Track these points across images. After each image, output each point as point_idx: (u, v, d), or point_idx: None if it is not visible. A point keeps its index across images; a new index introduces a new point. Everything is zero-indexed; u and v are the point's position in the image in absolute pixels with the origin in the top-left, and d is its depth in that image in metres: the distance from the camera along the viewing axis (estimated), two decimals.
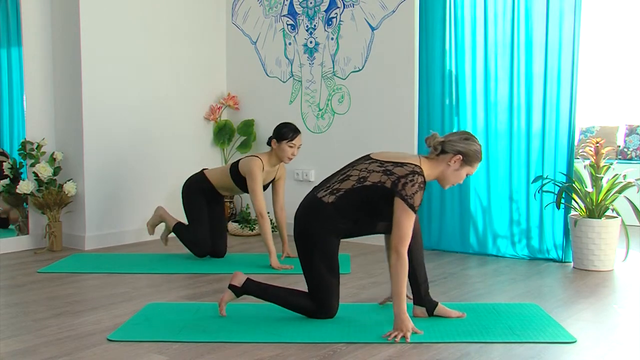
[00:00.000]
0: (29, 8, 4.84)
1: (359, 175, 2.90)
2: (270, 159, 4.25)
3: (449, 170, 2.90)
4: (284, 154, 4.19)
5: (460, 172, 2.91)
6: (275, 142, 4.20)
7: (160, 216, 4.52)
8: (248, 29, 5.76)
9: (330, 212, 2.90)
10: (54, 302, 3.39)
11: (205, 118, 5.72)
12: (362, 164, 2.94)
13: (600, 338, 2.86)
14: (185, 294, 3.58)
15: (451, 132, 2.96)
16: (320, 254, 2.93)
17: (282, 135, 4.18)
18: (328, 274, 2.94)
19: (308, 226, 2.96)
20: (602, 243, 4.09)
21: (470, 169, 2.92)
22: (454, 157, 2.88)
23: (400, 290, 2.79)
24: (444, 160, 2.89)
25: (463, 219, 4.68)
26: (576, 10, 4.23)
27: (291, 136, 4.18)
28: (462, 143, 2.88)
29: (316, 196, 2.97)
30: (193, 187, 4.42)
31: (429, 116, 4.76)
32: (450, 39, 4.69)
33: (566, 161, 4.35)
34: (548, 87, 4.36)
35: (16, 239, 4.83)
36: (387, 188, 2.82)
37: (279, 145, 4.18)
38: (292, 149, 4.20)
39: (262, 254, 4.63)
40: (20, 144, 4.80)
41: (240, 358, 2.58)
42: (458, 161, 2.88)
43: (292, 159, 4.25)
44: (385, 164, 2.88)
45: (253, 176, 4.16)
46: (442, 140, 2.89)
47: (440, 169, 2.90)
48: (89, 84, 4.85)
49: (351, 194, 2.88)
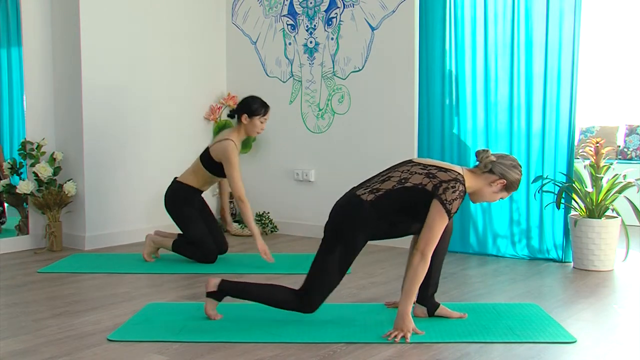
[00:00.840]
0: (29, 8, 4.83)
1: (400, 177, 2.88)
2: (239, 135, 4.24)
3: (488, 190, 2.92)
4: (255, 128, 4.21)
5: (498, 195, 2.95)
6: (246, 117, 4.19)
7: (154, 243, 4.36)
8: (248, 29, 5.76)
9: (367, 211, 2.86)
10: (54, 302, 3.39)
11: (205, 118, 5.72)
12: (405, 166, 2.93)
13: (600, 338, 2.86)
14: (185, 294, 3.58)
15: (503, 154, 2.97)
16: (343, 252, 2.89)
17: (254, 111, 4.18)
18: (336, 274, 2.91)
19: (342, 223, 2.91)
20: (602, 243, 4.09)
21: (505, 194, 2.97)
22: (498, 180, 2.90)
23: (413, 290, 2.79)
24: (488, 180, 2.91)
25: (463, 219, 4.68)
26: (576, 10, 4.23)
27: (264, 111, 4.22)
28: (511, 170, 2.91)
29: (355, 194, 2.93)
30: (176, 199, 4.32)
31: (429, 116, 4.76)
32: (450, 39, 4.69)
33: (566, 161, 4.35)
34: (548, 87, 4.36)
35: (16, 239, 4.83)
36: (428, 191, 2.81)
37: (250, 120, 4.19)
38: (263, 123, 4.23)
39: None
40: (20, 144, 4.80)
41: (240, 358, 2.58)
42: (501, 185, 2.91)
43: (260, 133, 4.30)
44: (429, 167, 2.87)
45: (230, 161, 4.13)
46: (494, 160, 2.90)
47: (481, 186, 2.92)
48: (89, 84, 4.85)
49: (391, 194, 2.86)
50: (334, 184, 5.18)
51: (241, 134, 4.25)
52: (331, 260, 2.89)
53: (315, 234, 5.01)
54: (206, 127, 5.74)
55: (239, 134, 4.24)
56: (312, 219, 5.30)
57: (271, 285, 3.07)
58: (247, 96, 4.33)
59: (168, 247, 4.33)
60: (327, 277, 2.91)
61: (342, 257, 2.89)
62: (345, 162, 5.17)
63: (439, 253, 3.00)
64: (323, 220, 3.04)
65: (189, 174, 4.34)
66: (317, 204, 5.23)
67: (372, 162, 4.71)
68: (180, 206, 4.32)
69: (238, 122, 4.24)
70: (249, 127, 4.21)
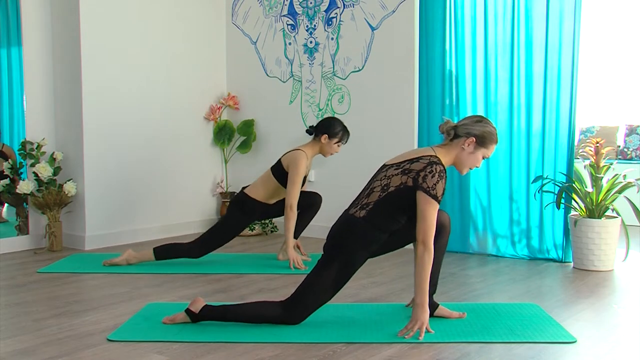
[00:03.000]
0: (29, 8, 4.83)
1: (381, 185, 2.88)
2: (313, 151, 4.23)
3: (464, 154, 2.89)
4: (330, 151, 4.21)
5: (476, 154, 2.90)
6: (326, 138, 4.16)
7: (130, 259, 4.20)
8: (248, 29, 5.76)
9: (364, 227, 2.85)
10: (54, 302, 3.39)
11: (205, 118, 5.72)
12: (381, 173, 2.93)
13: (600, 338, 2.86)
14: (185, 294, 3.58)
15: (467, 116, 2.95)
16: (340, 268, 2.86)
17: (336, 135, 4.17)
18: (329, 289, 2.88)
19: (342, 240, 2.88)
20: (602, 243, 4.09)
21: (485, 151, 2.91)
22: (467, 140, 2.87)
23: (425, 281, 2.78)
24: (458, 145, 2.89)
25: (463, 219, 4.68)
26: (576, 10, 4.23)
27: (345, 139, 4.22)
28: (475, 125, 2.88)
29: (349, 214, 2.92)
30: (243, 208, 4.22)
31: (429, 116, 4.76)
32: (450, 39, 4.69)
33: (566, 161, 4.35)
34: (548, 87, 4.36)
35: (16, 239, 4.83)
36: (411, 186, 2.80)
37: (329, 141, 4.17)
38: (339, 147, 4.23)
39: (262, 254, 4.64)
40: (20, 144, 4.80)
41: (240, 358, 2.58)
42: (472, 144, 2.88)
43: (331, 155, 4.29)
44: (402, 164, 2.87)
45: (297, 167, 4.09)
46: (455, 124, 2.90)
47: (455, 153, 2.90)
48: (89, 84, 4.85)
49: (380, 204, 2.85)
50: (334, 184, 5.18)
51: (315, 151, 4.23)
52: (326, 275, 2.86)
53: (315, 234, 5.02)
54: (206, 127, 5.74)
55: (312, 150, 4.23)
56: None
57: (254, 305, 2.99)
58: (330, 117, 4.31)
59: (151, 259, 4.19)
60: (318, 290, 2.87)
61: (338, 272, 2.86)
62: (345, 162, 5.17)
63: (438, 253, 3.00)
64: (323, 220, 3.05)
65: (257, 184, 4.27)
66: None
67: (372, 162, 4.68)
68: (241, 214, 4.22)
69: (315, 138, 4.22)
70: (325, 148, 4.20)
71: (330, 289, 2.88)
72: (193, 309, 2.94)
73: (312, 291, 2.88)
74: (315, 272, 2.90)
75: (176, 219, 5.48)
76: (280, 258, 4.35)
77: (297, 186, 4.09)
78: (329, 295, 2.90)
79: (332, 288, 2.88)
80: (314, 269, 2.92)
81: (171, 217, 5.45)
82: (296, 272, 4.01)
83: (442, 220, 2.99)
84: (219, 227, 4.23)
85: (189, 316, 2.94)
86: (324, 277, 2.87)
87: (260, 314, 2.92)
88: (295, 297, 2.90)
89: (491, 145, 2.91)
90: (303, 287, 2.90)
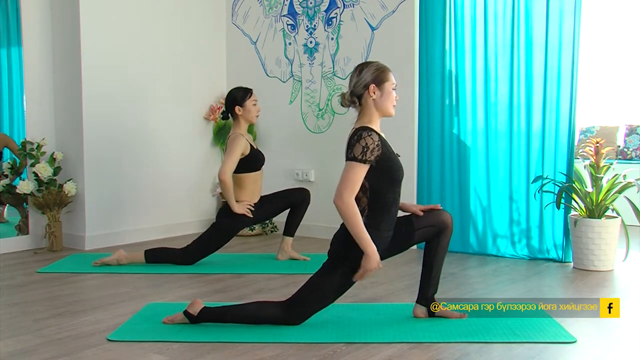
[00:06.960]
0: (29, 8, 4.83)
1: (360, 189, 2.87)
2: (241, 127, 4.23)
3: (378, 102, 2.89)
4: (251, 113, 4.22)
5: (385, 93, 2.90)
6: (239, 108, 4.20)
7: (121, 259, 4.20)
8: (248, 29, 5.75)
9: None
10: (54, 302, 3.39)
11: (205, 118, 5.71)
12: None
13: (600, 338, 2.86)
14: (185, 294, 3.58)
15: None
16: (345, 274, 2.84)
17: (241, 98, 4.21)
18: (332, 294, 2.87)
19: (346, 252, 2.84)
20: (602, 243, 4.09)
21: (389, 83, 2.90)
22: (369, 91, 2.88)
23: (356, 232, 2.73)
24: (367, 100, 2.90)
25: (463, 219, 4.68)
26: (576, 10, 4.23)
27: (249, 93, 4.23)
28: (363, 76, 2.88)
29: None
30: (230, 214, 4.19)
31: (429, 116, 4.76)
32: (450, 39, 4.69)
33: (566, 161, 4.35)
34: (548, 87, 4.36)
35: (16, 239, 4.83)
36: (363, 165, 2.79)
37: (243, 107, 4.20)
38: (256, 105, 4.24)
39: (262, 254, 4.64)
40: (20, 144, 4.80)
41: (240, 358, 2.58)
42: (374, 89, 2.88)
43: (259, 115, 4.29)
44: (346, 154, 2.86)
45: (231, 148, 4.11)
46: (350, 90, 2.91)
47: (372, 108, 2.90)
48: (89, 84, 4.85)
49: (365, 198, 2.85)
50: (334, 184, 5.13)
51: (242, 126, 4.25)
52: (330, 280, 2.86)
53: (315, 234, 5.01)
54: (206, 127, 5.74)
55: (241, 127, 4.24)
56: (311, 219, 5.28)
57: (253, 305, 2.99)
58: (228, 92, 4.34)
59: (142, 262, 4.18)
60: (321, 294, 2.87)
61: (342, 278, 2.86)
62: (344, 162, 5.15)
63: (440, 252, 3.00)
64: (323, 220, 3.05)
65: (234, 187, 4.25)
66: (317, 204, 5.22)
67: None
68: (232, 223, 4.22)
69: (233, 118, 4.25)
70: (246, 115, 4.22)
71: (333, 293, 2.89)
72: (191, 312, 2.93)
73: (314, 294, 2.88)
74: (319, 275, 2.90)
75: (176, 219, 5.48)
76: (279, 258, 4.36)
77: (228, 163, 4.07)
78: (331, 299, 2.90)
79: (334, 292, 2.89)
80: (318, 272, 2.91)
81: (171, 217, 5.45)
82: (296, 272, 4.01)
83: (444, 219, 2.99)
84: (212, 232, 4.23)
85: (188, 318, 2.94)
86: (327, 281, 2.87)
87: (260, 315, 2.92)
88: (296, 298, 2.90)
89: (388, 75, 2.91)
90: (305, 288, 2.90)
